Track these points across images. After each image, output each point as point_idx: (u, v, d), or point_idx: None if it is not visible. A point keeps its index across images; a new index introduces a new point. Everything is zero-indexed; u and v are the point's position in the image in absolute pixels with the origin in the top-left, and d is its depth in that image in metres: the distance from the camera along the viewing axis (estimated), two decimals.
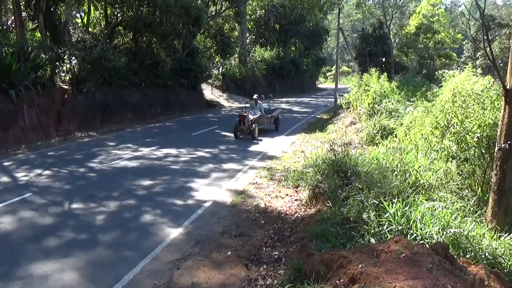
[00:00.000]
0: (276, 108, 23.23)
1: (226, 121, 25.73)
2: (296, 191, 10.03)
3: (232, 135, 17.72)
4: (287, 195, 9.86)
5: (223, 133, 20.11)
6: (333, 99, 30.33)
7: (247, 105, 20.37)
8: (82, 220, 8.29)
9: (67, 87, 20.34)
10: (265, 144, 17.00)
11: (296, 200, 9.40)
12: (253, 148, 16.25)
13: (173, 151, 15.15)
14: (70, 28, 24.44)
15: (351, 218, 6.61)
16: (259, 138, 17.68)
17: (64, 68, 20.55)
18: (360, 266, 4.73)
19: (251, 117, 17.70)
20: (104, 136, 19.06)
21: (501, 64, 29.76)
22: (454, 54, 50.14)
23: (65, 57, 20.67)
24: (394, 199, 6.68)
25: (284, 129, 21.38)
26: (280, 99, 46.43)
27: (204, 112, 31.26)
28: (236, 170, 12.61)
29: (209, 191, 10.39)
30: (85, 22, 26.77)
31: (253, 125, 17.40)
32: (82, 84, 20.79)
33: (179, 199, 9.64)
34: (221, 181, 11.35)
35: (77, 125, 19.87)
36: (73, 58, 20.95)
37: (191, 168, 12.67)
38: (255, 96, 19.51)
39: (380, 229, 6.15)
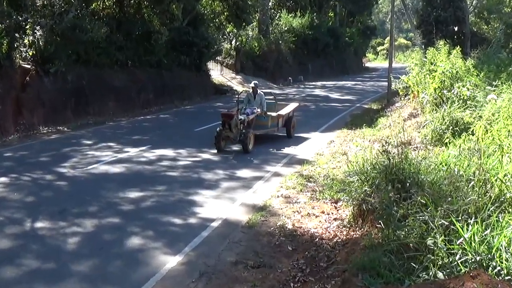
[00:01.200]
0: (289, 102, 20.71)
1: None
2: (336, 207, 10.01)
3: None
4: (323, 212, 9.84)
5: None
6: (386, 83, 30.19)
7: (242, 96, 18.38)
8: (48, 244, 8.41)
9: (29, 66, 20.71)
10: (293, 144, 17.00)
11: (335, 219, 9.38)
12: (277, 149, 16.31)
13: (170, 152, 15.28)
14: None
15: (411, 245, 6.56)
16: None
17: (26, 41, 20.96)
18: None
19: (242, 117, 15.82)
20: (78, 131, 19.34)
21: None
22: None
23: (27, 27, 21.03)
24: (470, 219, 6.59)
25: (319, 123, 21.37)
26: (313, 83, 46.51)
27: (211, 100, 31.45)
28: (254, 178, 12.66)
29: (218, 206, 10.44)
30: None
31: (247, 131, 15.50)
32: (50, 62, 21.17)
33: (178, 217, 9.71)
34: (234, 192, 11.41)
35: (42, 117, 20.20)
36: (38, 28, 21.33)
37: (193, 176, 12.73)
38: (252, 84, 17.46)
39: (450, 259, 6.09)
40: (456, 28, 39.00)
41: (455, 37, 37.94)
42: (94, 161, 14.00)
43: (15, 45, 20.22)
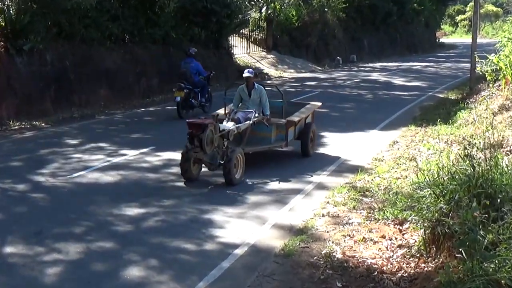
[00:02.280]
0: (307, 102, 18.12)
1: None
2: (401, 231, 9.90)
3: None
4: (383, 237, 9.75)
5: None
6: (468, 65, 29.87)
7: (231, 95, 15.95)
8: (21, 276, 8.46)
9: None
10: (344, 145, 16.94)
11: (400, 246, 9.28)
12: (322, 150, 16.29)
13: (179, 156, 15.25)
14: None
15: (503, 281, 6.49)
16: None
17: None
18: None
19: (228, 125, 13.57)
20: (59, 128, 19.59)
21: None
22: None
23: None
24: None
25: (377, 119, 21.28)
26: (369, 65, 46.34)
27: (234, 87, 31.32)
28: (291, 190, 12.64)
29: (243, 227, 10.44)
30: None
31: (233, 150, 12.99)
32: (23, 37, 21.45)
33: (190, 242, 9.71)
34: (264, 210, 11.41)
35: (13, 109, 20.48)
36: None
37: (210, 187, 12.74)
38: (246, 73, 14.95)
39: None
40: None
41: None
42: (80, 167, 14.11)
43: None
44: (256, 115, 14.37)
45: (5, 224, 10.37)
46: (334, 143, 17.36)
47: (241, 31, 39.49)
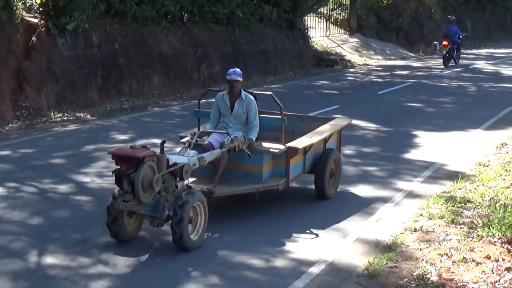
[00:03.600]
0: (329, 116, 15.66)
1: (357, 96, 25.71)
2: (509, 250, 9.76)
3: None
4: (488, 257, 9.63)
5: (352, 121, 20.19)
6: None
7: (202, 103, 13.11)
8: None
9: (36, 21, 21.41)
10: (440, 147, 16.83)
11: (508, 269, 9.14)
12: (414, 154, 16.21)
13: None
14: None
15: None
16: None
17: None
18: None
19: (188, 155, 10.55)
20: (106, 120, 19.95)
21: None
22: None
23: None
24: None
25: (481, 116, 21.02)
26: (473, 51, 45.67)
27: (311, 76, 31.50)
28: (377, 199, 12.63)
29: (320, 241, 10.44)
30: None
31: (186, 197, 9.79)
32: (66, 15, 21.85)
33: (258, 257, 9.77)
34: (346, 220, 11.40)
35: (54, 97, 20.89)
36: None
37: (280, 193, 12.75)
38: (232, 75, 11.90)
39: None
40: None
41: None
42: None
43: None
44: (232, 137, 11.37)
45: (44, 231, 10.57)
46: (428, 144, 17.23)
47: (319, 10, 39.41)
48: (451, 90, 27.65)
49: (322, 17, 40.89)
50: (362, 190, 13.04)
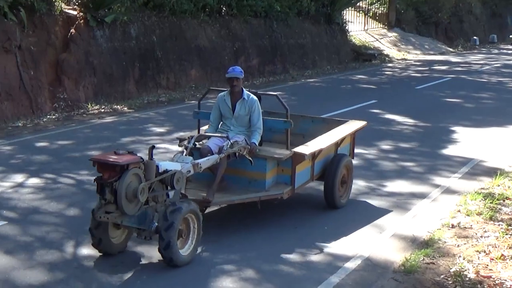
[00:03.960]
0: (343, 119, 13.32)
1: (395, 91, 25.58)
2: None
3: None
4: None
5: (389, 115, 20.01)
6: None
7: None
8: (99, 282, 8.58)
9: (75, 13, 21.55)
10: (479, 143, 16.68)
11: None
12: (452, 149, 16.08)
13: None
14: None
15: None
16: None
17: None
18: None
19: (182, 162, 9.69)
20: (143, 113, 20.00)
21: None
22: None
23: None
24: None
25: None
26: None
27: (348, 70, 31.39)
28: (413, 195, 12.51)
29: (356, 236, 10.36)
30: None
31: (177, 207, 8.78)
32: (105, 7, 21.98)
33: (293, 251, 9.70)
34: (382, 216, 11.32)
35: (91, 89, 21.02)
36: None
37: (317, 187, 12.67)
38: (232, 73, 10.91)
39: None
40: None
41: None
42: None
43: None
44: (231, 142, 10.34)
45: (81, 222, 10.52)
46: (467, 140, 17.05)
47: (358, 4, 39.27)
48: (490, 86, 27.47)
49: (361, 11, 40.77)
50: (399, 186, 12.93)
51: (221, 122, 11.19)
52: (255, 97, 11.06)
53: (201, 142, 10.73)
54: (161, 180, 9.06)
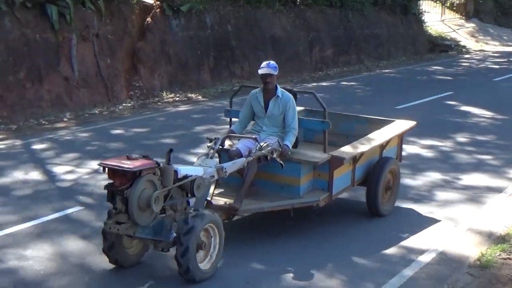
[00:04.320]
0: (389, 119, 12.12)
1: (472, 82, 25.28)
2: None
3: None
4: None
5: (466, 107, 19.76)
6: None
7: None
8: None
9: (152, 2, 21.73)
10: None
11: None
12: None
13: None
14: None
15: None
16: None
17: None
18: None
19: (205, 165, 8.85)
20: (217, 102, 20.19)
21: None
22: None
23: None
24: None
25: None
26: None
27: (424, 61, 31.08)
28: (489, 188, 12.35)
29: (431, 229, 10.26)
30: None
31: (196, 215, 8.02)
32: None
33: (366, 244, 9.70)
34: (457, 210, 11.17)
35: (166, 78, 21.22)
36: None
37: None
38: (263, 69, 9.85)
39: None
40: None
41: None
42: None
43: None
44: (263, 144, 9.45)
45: None
46: None
47: None
48: None
49: (438, 1, 40.31)
50: (475, 179, 12.75)
51: (253, 122, 10.36)
52: (289, 95, 10.07)
53: (230, 144, 10.15)
54: (181, 187, 8.24)
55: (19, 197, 11.16)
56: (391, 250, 9.46)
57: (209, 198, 8.92)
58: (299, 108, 10.84)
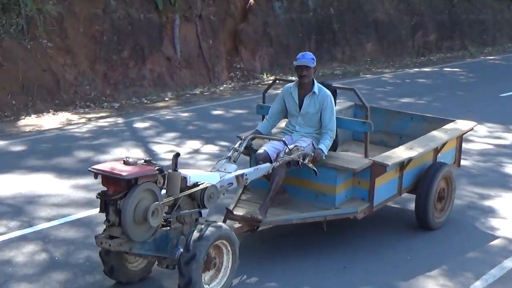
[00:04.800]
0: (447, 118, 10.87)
1: None
2: None
3: None
4: None
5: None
6: None
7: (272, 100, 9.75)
8: None
9: None
10: None
11: None
12: None
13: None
14: None
15: None
16: None
17: None
18: None
19: (207, 178, 7.42)
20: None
21: None
22: None
23: None
24: None
25: None
26: None
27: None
28: None
29: None
30: None
31: (202, 231, 6.91)
32: None
33: (465, 233, 9.53)
34: None
35: (267, 60, 21.30)
36: None
37: (492, 167, 12.48)
38: (301, 60, 8.68)
39: None
40: None
41: None
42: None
43: None
44: (292, 147, 8.25)
45: None
46: None
47: None
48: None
49: None
50: None
51: (287, 121, 9.15)
52: (327, 91, 8.78)
53: (239, 146, 8.35)
54: (191, 196, 7.11)
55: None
56: (491, 240, 9.27)
57: (232, 206, 8.28)
58: (347, 104, 10.43)
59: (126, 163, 6.67)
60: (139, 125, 14.86)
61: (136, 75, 17.97)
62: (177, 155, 7.08)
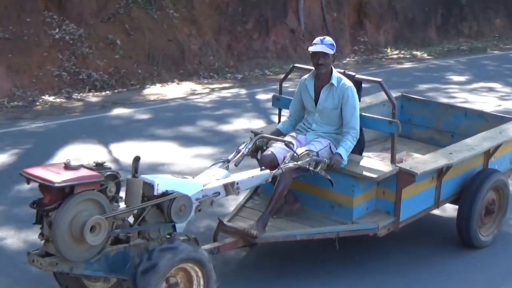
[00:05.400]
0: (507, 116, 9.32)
1: None
2: None
3: None
4: None
5: None
6: None
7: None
8: None
9: None
10: None
11: None
12: None
13: None
14: None
15: None
16: None
17: None
18: None
19: (215, 177, 6.46)
20: (443, 61, 19.77)
21: None
22: None
23: None
24: None
25: None
26: None
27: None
28: None
29: None
30: None
31: (164, 250, 5.67)
32: None
33: None
34: None
35: (392, 34, 21.00)
36: None
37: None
38: (317, 45, 7.25)
39: None
40: None
41: None
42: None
43: None
44: (301, 152, 6.69)
45: None
46: None
47: None
48: None
49: None
50: None
51: (305, 116, 7.54)
52: (348, 83, 7.21)
53: (246, 147, 6.96)
54: (160, 207, 5.79)
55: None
56: None
57: (231, 216, 7.04)
58: (394, 95, 8.12)
59: (66, 167, 5.37)
60: (261, 96, 14.87)
61: (260, 47, 18.03)
62: (137, 158, 5.69)
